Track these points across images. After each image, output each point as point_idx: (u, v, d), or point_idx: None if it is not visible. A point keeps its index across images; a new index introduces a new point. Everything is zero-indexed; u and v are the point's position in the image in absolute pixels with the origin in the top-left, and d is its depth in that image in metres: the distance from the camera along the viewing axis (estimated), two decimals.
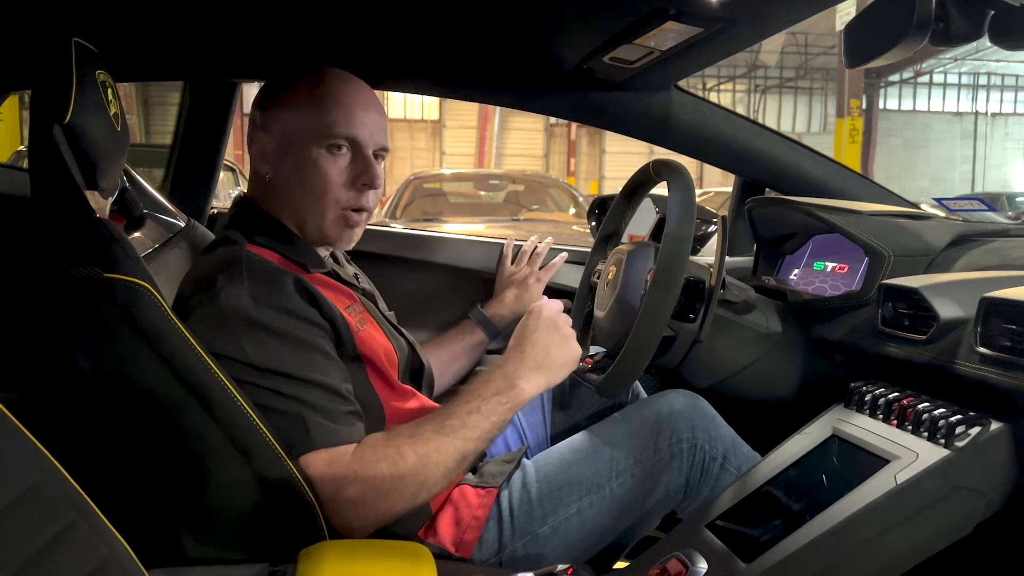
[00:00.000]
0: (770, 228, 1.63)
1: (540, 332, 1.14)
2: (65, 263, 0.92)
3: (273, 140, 1.17)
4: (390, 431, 1.06)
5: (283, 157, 1.16)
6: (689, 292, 1.29)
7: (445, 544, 1.13)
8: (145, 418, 0.95)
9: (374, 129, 1.17)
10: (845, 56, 1.10)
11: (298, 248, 1.16)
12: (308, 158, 1.14)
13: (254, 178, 1.20)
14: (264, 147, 1.18)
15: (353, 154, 1.16)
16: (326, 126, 1.14)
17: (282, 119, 1.17)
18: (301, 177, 1.15)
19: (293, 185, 1.16)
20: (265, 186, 1.19)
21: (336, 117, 1.14)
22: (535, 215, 5.78)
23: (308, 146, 1.14)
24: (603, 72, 1.50)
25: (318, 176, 1.14)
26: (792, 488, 1.11)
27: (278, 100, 1.18)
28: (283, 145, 1.16)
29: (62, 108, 0.89)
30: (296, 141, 1.15)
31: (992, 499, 1.00)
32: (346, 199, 1.16)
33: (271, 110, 1.18)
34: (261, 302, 1.03)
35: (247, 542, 1.00)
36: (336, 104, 1.15)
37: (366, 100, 1.18)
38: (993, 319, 1.03)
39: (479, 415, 1.06)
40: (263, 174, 1.18)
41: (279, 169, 1.17)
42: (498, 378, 1.10)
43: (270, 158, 1.18)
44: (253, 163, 1.20)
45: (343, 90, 1.17)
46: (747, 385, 1.42)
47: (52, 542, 0.66)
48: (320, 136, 1.14)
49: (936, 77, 20.09)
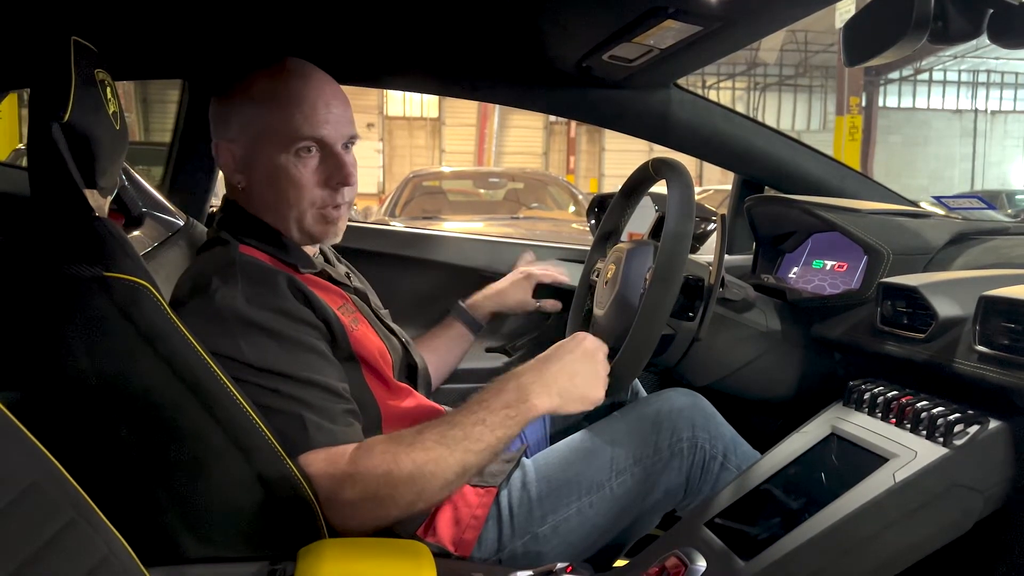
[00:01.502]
0: (769, 226, 1.63)
1: (574, 357, 1.10)
2: (64, 262, 0.92)
3: (239, 148, 1.15)
4: (390, 437, 1.04)
5: (252, 167, 1.15)
6: (688, 290, 1.29)
7: (444, 543, 1.13)
8: (144, 416, 0.95)
9: (339, 123, 1.14)
10: (844, 54, 1.10)
11: (287, 249, 1.16)
12: (277, 166, 1.12)
13: (229, 186, 1.19)
14: (231, 157, 1.16)
15: (323, 153, 1.14)
16: (291, 131, 1.11)
17: (244, 122, 1.13)
18: (273, 185, 1.13)
19: (267, 193, 1.15)
20: (240, 194, 1.18)
21: (299, 120, 1.11)
22: (534, 213, 5.79)
23: (275, 154, 1.12)
24: (602, 70, 1.50)
25: (290, 183, 1.12)
26: (791, 486, 1.11)
27: (232, 97, 1.15)
28: (249, 154, 1.14)
29: (61, 107, 0.89)
30: (262, 150, 1.13)
31: (991, 497, 1.00)
32: (322, 199, 1.15)
33: (229, 111, 1.15)
34: (255, 303, 1.03)
35: (246, 540, 1.00)
36: (297, 105, 1.11)
37: (328, 95, 1.14)
38: (992, 317, 1.03)
39: (484, 427, 1.02)
40: (236, 184, 1.17)
41: (251, 179, 1.15)
42: (511, 389, 1.05)
43: (240, 168, 1.16)
44: (224, 171, 1.19)
45: (303, 88, 1.12)
46: (746, 383, 1.42)
47: (51, 541, 0.66)
48: (286, 142, 1.11)
49: (936, 75, 20.10)
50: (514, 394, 1.05)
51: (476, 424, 1.02)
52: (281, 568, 0.94)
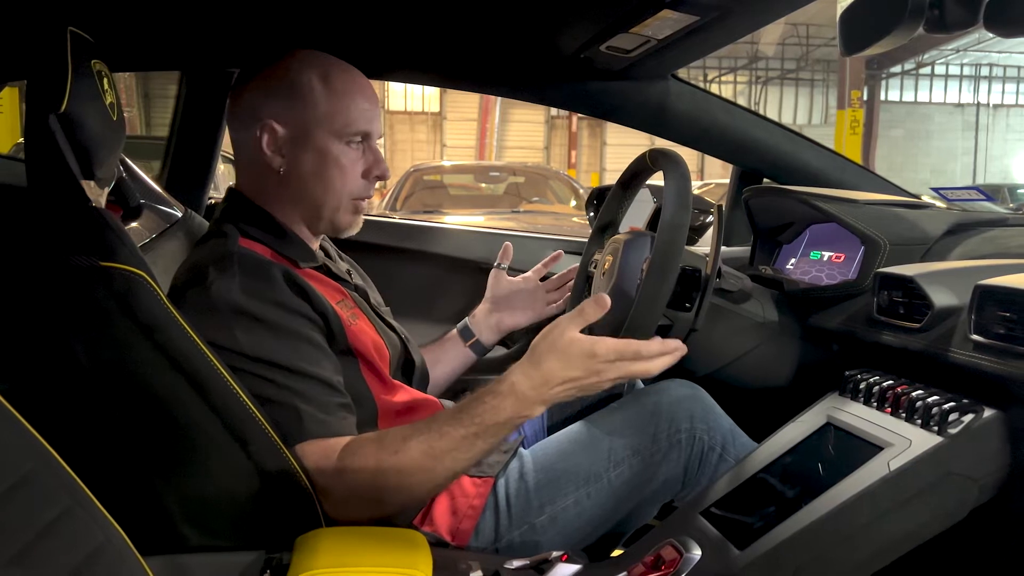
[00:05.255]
0: (767, 217, 1.63)
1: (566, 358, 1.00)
2: (62, 252, 0.92)
3: (288, 130, 1.16)
4: (377, 439, 1.02)
5: (298, 149, 1.16)
6: (685, 281, 1.29)
7: (441, 532, 1.14)
8: (141, 406, 0.96)
9: (378, 121, 1.21)
10: (841, 44, 1.10)
11: (289, 242, 1.17)
12: (328, 152, 1.16)
13: (254, 168, 1.19)
14: (274, 137, 1.16)
15: (365, 146, 1.20)
16: (349, 121, 1.16)
17: (299, 104, 1.15)
18: (320, 170, 1.16)
19: (309, 178, 1.16)
20: (270, 177, 1.17)
21: (355, 112, 1.16)
22: (535, 207, 5.79)
23: (329, 140, 1.16)
24: (601, 61, 1.50)
25: (338, 170, 1.17)
26: (787, 475, 1.11)
27: (278, 89, 1.16)
28: (298, 137, 1.15)
29: (58, 98, 0.89)
30: (315, 134, 1.15)
31: (985, 485, 1.00)
32: (359, 190, 1.20)
33: (276, 99, 1.16)
34: (252, 294, 1.04)
35: (244, 529, 1.01)
36: (353, 99, 1.16)
37: (372, 93, 1.21)
38: (987, 306, 1.03)
39: (475, 440, 1.00)
40: (272, 166, 1.16)
41: (294, 163, 1.16)
42: (508, 407, 0.99)
43: (282, 150, 1.16)
44: (252, 152, 1.18)
45: (357, 85, 1.18)
46: (743, 374, 1.42)
47: (47, 528, 0.67)
48: (342, 131, 1.16)
49: (938, 68, 20.05)
50: (512, 410, 1.00)
51: (466, 438, 1.00)
52: (278, 557, 0.95)
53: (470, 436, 1.00)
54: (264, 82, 1.18)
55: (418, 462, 0.99)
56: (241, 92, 1.20)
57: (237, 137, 1.21)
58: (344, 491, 1.00)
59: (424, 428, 1.01)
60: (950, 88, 20.45)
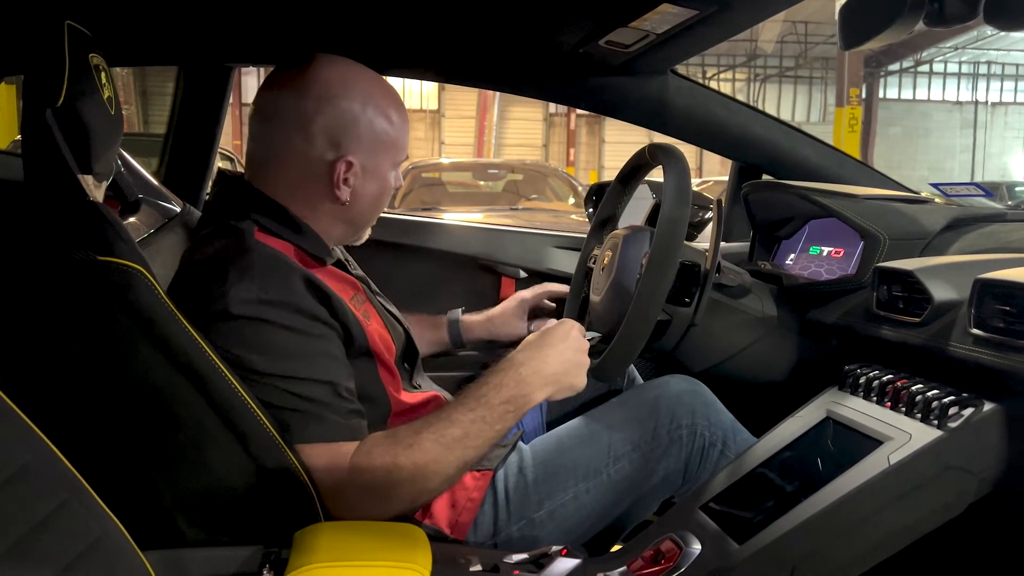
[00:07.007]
0: (766, 213, 1.63)
1: (565, 347, 1.12)
2: (59, 247, 0.92)
3: (361, 166, 1.12)
4: (389, 436, 1.03)
5: (366, 181, 1.14)
6: (684, 276, 1.29)
7: (440, 526, 1.14)
8: (139, 401, 0.95)
9: None
10: (840, 38, 1.10)
11: (309, 238, 1.12)
12: (387, 180, 1.17)
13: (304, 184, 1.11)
14: (350, 172, 1.11)
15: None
16: (403, 150, 1.17)
17: (375, 149, 1.13)
18: (378, 197, 1.18)
19: (367, 204, 1.17)
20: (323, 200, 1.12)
21: (406, 140, 1.18)
22: (534, 204, 5.78)
23: (389, 168, 1.17)
24: (600, 56, 1.50)
25: (387, 195, 1.19)
26: (786, 470, 1.11)
27: (356, 122, 1.11)
28: (368, 170, 1.13)
29: (55, 92, 0.89)
30: (383, 168, 1.16)
31: (984, 479, 1.00)
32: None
33: (355, 135, 1.11)
34: (271, 298, 1.01)
35: (242, 525, 1.00)
36: (407, 129, 1.18)
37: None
38: (987, 300, 1.03)
39: (483, 424, 1.04)
40: (340, 197, 1.12)
41: (359, 192, 1.14)
42: (510, 384, 1.07)
43: (349, 181, 1.12)
44: (312, 171, 1.10)
45: (405, 111, 1.18)
46: (742, 368, 1.42)
47: (44, 521, 0.67)
48: (397, 160, 1.18)
49: (936, 66, 20.03)
50: (514, 389, 1.07)
51: (475, 422, 1.04)
52: (276, 551, 0.94)
53: (477, 420, 1.03)
54: (331, 104, 1.10)
55: (431, 453, 1.01)
56: (303, 107, 1.10)
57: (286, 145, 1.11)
58: (356, 491, 1.00)
59: (434, 419, 1.04)
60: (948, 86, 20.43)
